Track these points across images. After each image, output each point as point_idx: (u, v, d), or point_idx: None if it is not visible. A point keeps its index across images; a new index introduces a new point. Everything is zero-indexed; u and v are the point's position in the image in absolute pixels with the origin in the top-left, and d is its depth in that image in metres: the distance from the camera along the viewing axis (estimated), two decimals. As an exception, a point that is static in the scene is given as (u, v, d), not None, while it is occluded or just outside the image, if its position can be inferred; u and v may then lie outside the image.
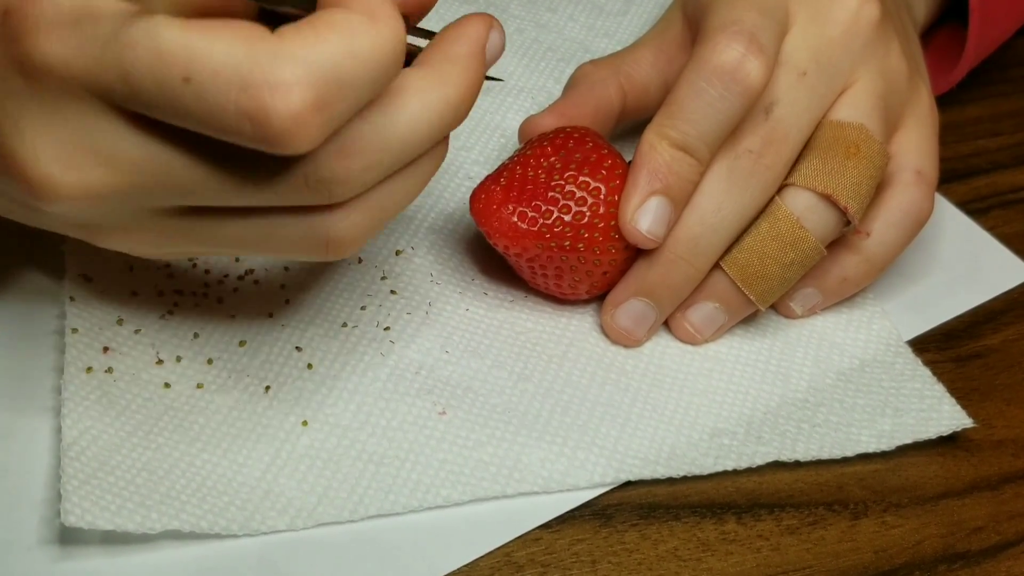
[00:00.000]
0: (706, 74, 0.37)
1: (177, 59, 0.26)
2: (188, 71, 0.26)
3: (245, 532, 0.34)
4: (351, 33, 0.28)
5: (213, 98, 0.26)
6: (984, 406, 0.40)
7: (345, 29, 0.28)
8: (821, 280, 0.41)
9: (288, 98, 0.26)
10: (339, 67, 0.27)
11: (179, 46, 0.26)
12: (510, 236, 0.38)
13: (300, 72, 0.27)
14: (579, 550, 0.35)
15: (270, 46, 0.27)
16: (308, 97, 0.27)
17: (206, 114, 0.27)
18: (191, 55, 0.26)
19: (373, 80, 0.28)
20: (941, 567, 0.36)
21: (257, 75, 0.26)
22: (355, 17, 0.28)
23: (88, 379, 0.37)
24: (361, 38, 0.28)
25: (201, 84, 0.26)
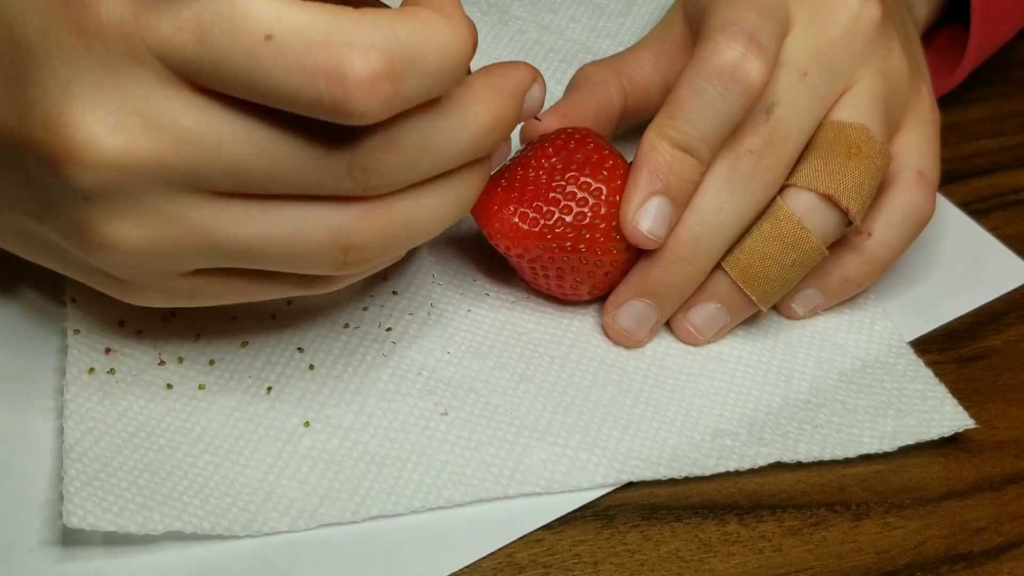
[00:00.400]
0: (706, 74, 0.37)
1: (262, 16, 0.27)
2: (271, 28, 0.27)
3: (247, 533, 0.34)
4: (429, 23, 0.29)
5: (293, 55, 0.27)
6: (986, 407, 0.40)
7: (425, 19, 0.29)
8: (823, 281, 0.41)
9: (367, 58, 0.27)
10: (415, 47, 0.28)
11: (264, 4, 0.27)
12: (511, 237, 0.38)
13: (380, 38, 0.27)
14: (581, 551, 0.35)
15: (353, 16, 0.28)
16: (383, 63, 0.27)
17: (283, 73, 0.27)
18: (277, 13, 0.27)
19: (441, 72, 0.29)
20: (943, 568, 0.36)
21: (340, 35, 0.27)
22: (433, 13, 0.29)
23: (90, 380, 0.37)
24: (437, 30, 0.29)
25: (284, 40, 0.27)
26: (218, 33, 0.27)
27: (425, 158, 0.31)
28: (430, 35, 0.29)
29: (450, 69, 0.30)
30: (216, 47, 0.27)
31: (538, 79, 0.35)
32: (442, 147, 0.31)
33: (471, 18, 0.54)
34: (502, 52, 0.53)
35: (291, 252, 0.31)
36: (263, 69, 0.27)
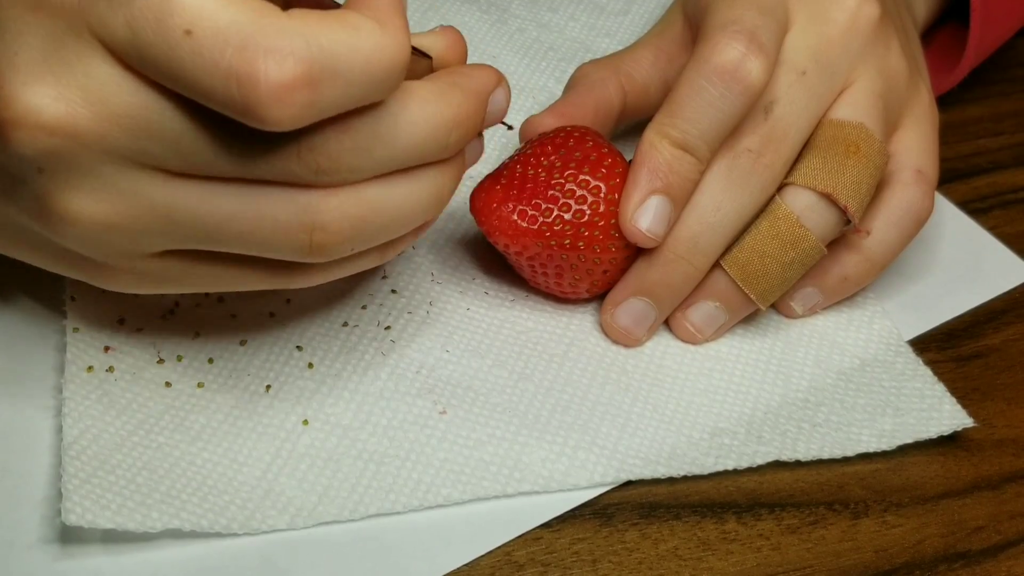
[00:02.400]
0: (707, 73, 0.37)
1: (184, 10, 0.27)
2: (192, 23, 0.27)
3: (246, 531, 0.34)
4: (357, 30, 0.28)
5: (208, 54, 0.27)
6: (985, 406, 0.40)
7: (353, 25, 0.28)
8: (821, 279, 0.41)
9: (281, 65, 0.27)
10: (337, 55, 0.28)
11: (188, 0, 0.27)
12: (510, 234, 0.38)
13: (298, 45, 0.27)
14: (579, 549, 0.35)
15: (277, 19, 0.27)
16: (299, 71, 0.27)
17: (199, 70, 0.27)
18: (199, 10, 0.27)
19: (368, 80, 0.29)
20: (942, 567, 0.36)
21: (258, 39, 0.27)
22: (365, 19, 0.29)
23: (89, 378, 0.37)
24: (366, 37, 0.28)
25: (201, 38, 0.27)
26: (144, 21, 0.27)
27: (379, 147, 0.31)
28: (358, 42, 0.28)
29: (379, 78, 0.29)
30: (142, 35, 0.27)
31: (503, 83, 0.34)
32: (399, 138, 0.31)
33: (471, 16, 0.54)
34: (501, 51, 0.53)
35: (255, 232, 0.31)
36: (181, 63, 0.27)
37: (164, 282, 0.33)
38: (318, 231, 0.31)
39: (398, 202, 0.32)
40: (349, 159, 0.30)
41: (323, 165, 0.30)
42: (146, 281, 0.33)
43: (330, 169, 0.30)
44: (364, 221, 0.32)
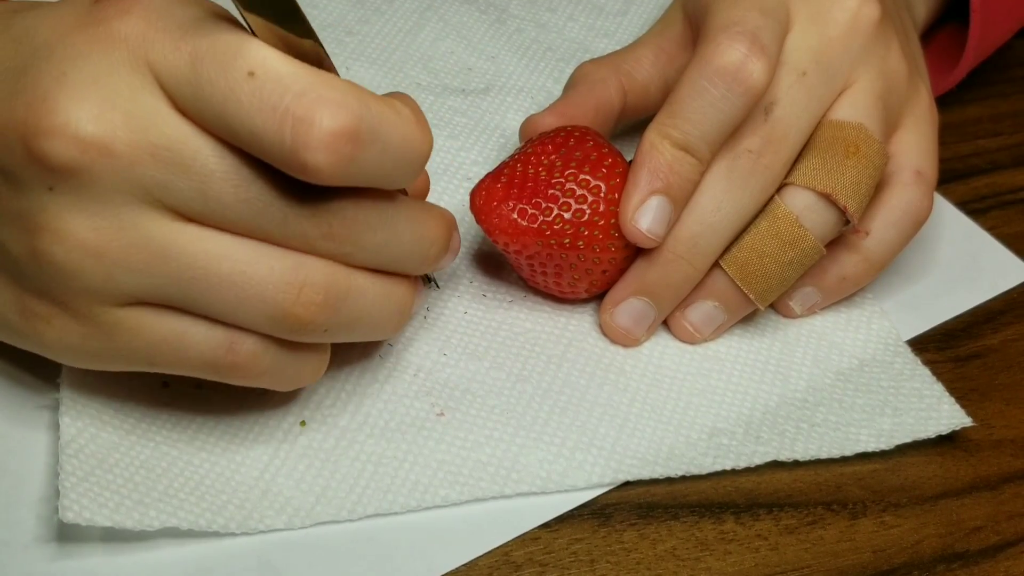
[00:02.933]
0: (708, 74, 0.37)
1: (251, 56, 0.29)
2: (256, 67, 0.28)
3: (243, 531, 0.34)
4: (400, 113, 0.31)
5: (269, 95, 0.28)
6: (983, 406, 0.40)
7: (397, 108, 0.31)
8: (820, 279, 0.41)
9: (335, 115, 0.28)
10: (383, 122, 0.30)
11: (254, 47, 0.29)
12: (510, 233, 0.38)
13: (352, 102, 0.29)
14: (577, 549, 0.35)
15: (334, 78, 0.29)
16: (351, 124, 0.29)
17: (255, 110, 0.28)
18: (264, 57, 0.29)
19: (401, 158, 0.31)
20: (940, 567, 0.36)
21: (318, 89, 0.29)
22: (404, 107, 0.31)
23: (86, 377, 0.37)
24: (405, 120, 0.31)
25: (264, 80, 0.28)
26: (209, 61, 0.29)
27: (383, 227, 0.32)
28: (399, 121, 0.31)
29: (410, 160, 0.31)
30: (204, 74, 0.29)
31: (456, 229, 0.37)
32: (399, 229, 0.33)
33: (469, 16, 0.54)
34: (500, 51, 0.53)
35: (246, 275, 0.31)
36: (239, 103, 0.28)
37: (111, 340, 0.31)
38: (307, 290, 0.31)
39: (374, 298, 0.33)
40: (359, 230, 0.32)
41: (335, 229, 0.31)
42: (93, 339, 0.32)
43: (341, 236, 0.31)
44: (349, 296, 0.32)
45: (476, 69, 0.52)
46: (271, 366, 0.33)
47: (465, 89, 0.51)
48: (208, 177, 0.30)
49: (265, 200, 0.30)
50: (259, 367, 0.33)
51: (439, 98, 0.50)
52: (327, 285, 0.32)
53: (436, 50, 0.52)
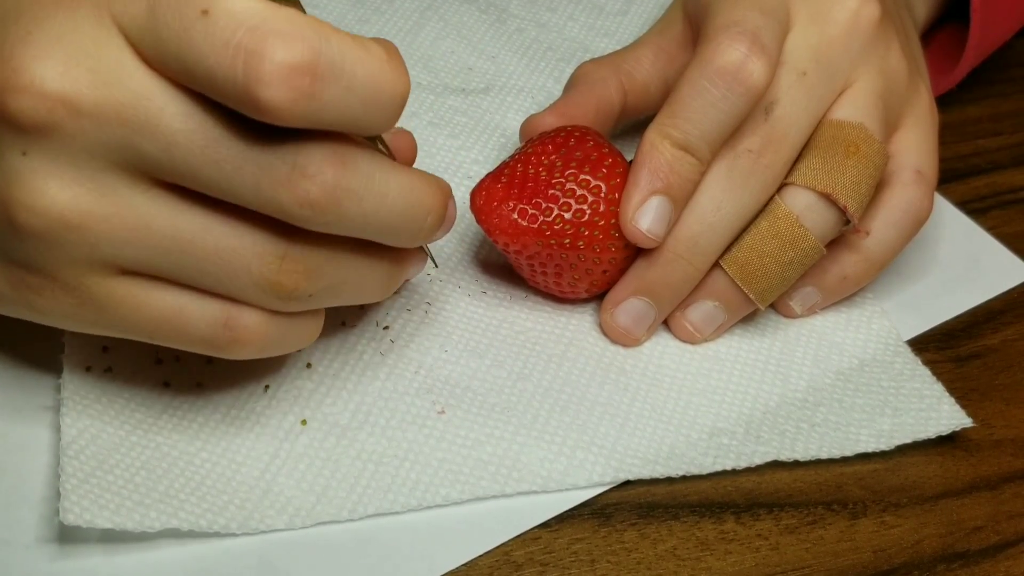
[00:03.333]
0: (709, 74, 0.37)
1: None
2: (210, 5, 0.27)
3: (244, 531, 0.34)
4: (367, 49, 0.29)
5: (220, 32, 0.27)
6: (983, 406, 0.40)
7: (363, 44, 0.29)
8: (820, 279, 0.41)
9: (289, 48, 0.27)
10: (345, 57, 0.28)
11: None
12: (510, 233, 0.38)
13: (309, 35, 0.28)
14: (578, 549, 0.35)
15: (293, 12, 0.28)
16: (306, 57, 0.28)
17: (208, 47, 0.27)
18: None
19: (368, 97, 0.29)
20: (940, 567, 0.36)
21: (271, 23, 0.27)
22: (375, 44, 0.29)
23: (87, 378, 0.37)
24: (374, 58, 0.29)
25: (216, 17, 0.27)
26: (166, 5, 0.28)
27: (369, 198, 0.31)
28: (366, 57, 0.29)
29: (381, 100, 0.29)
30: (161, 17, 0.28)
31: (452, 199, 0.35)
32: (388, 196, 0.31)
33: (470, 16, 0.54)
34: (500, 50, 0.53)
35: (228, 250, 0.30)
36: (192, 42, 0.28)
37: (104, 312, 0.31)
38: (289, 260, 0.31)
39: (357, 267, 0.33)
40: (340, 198, 0.30)
41: (313, 195, 0.29)
42: (85, 309, 0.31)
43: (318, 203, 0.30)
44: (329, 266, 0.32)
45: (476, 69, 0.52)
46: (268, 336, 0.32)
47: (465, 89, 0.51)
48: (174, 137, 0.29)
49: (235, 162, 0.29)
50: (257, 340, 0.32)
51: (439, 98, 0.50)
52: (307, 256, 0.31)
53: (436, 50, 0.52)
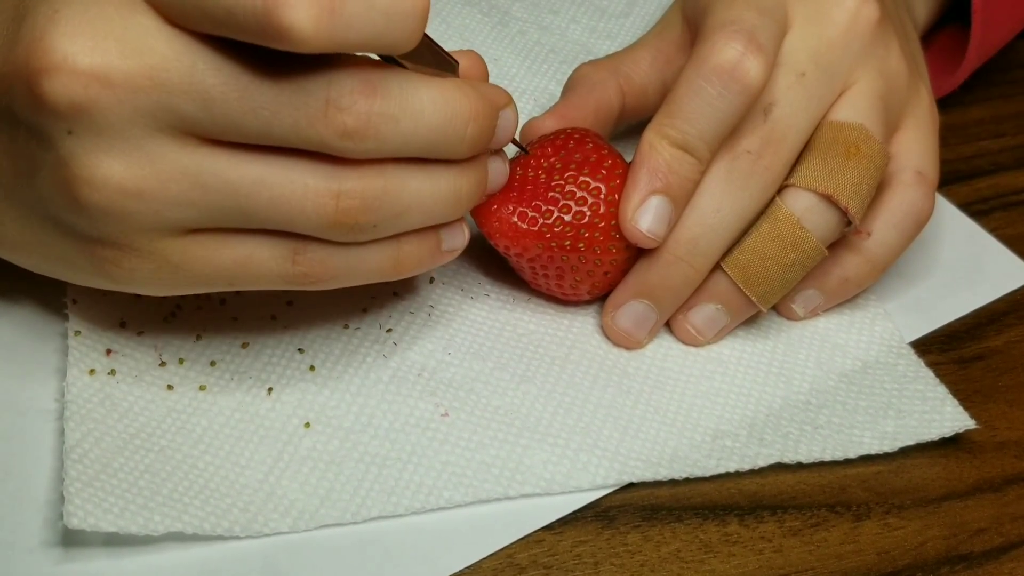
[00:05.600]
0: (705, 73, 0.37)
1: None
2: None
3: (248, 534, 0.34)
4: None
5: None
6: (987, 408, 0.40)
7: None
8: (822, 281, 0.41)
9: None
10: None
11: None
12: (510, 236, 0.38)
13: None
14: (581, 552, 0.35)
15: None
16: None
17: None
18: None
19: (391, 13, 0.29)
20: (944, 569, 0.36)
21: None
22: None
23: (91, 381, 0.37)
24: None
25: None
26: None
27: (405, 118, 0.31)
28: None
29: (403, 12, 0.30)
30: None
31: (512, 104, 0.36)
32: (423, 115, 0.32)
33: (472, 18, 0.54)
34: (503, 53, 0.53)
35: (283, 197, 0.31)
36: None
37: (180, 270, 0.33)
38: (344, 197, 0.32)
39: (417, 188, 0.33)
40: (376, 124, 0.31)
41: (350, 126, 0.30)
42: (163, 271, 0.32)
43: (356, 132, 0.31)
44: (387, 194, 0.32)
45: (478, 72, 0.52)
46: (340, 267, 0.33)
47: (467, 92, 0.51)
48: (208, 92, 0.29)
49: (272, 107, 0.30)
50: (329, 271, 0.33)
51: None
52: (362, 188, 0.32)
53: (438, 53, 0.52)
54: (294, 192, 0.31)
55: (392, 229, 0.34)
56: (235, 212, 0.31)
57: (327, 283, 0.34)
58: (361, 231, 0.33)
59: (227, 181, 0.31)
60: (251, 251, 0.33)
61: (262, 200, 0.31)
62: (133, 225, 0.31)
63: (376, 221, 0.33)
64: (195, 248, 0.32)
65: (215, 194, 0.31)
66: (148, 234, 0.31)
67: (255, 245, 0.33)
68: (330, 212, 0.32)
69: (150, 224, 0.31)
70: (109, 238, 0.32)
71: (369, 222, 0.32)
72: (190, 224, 0.32)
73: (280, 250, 0.33)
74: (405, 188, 0.33)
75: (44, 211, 0.32)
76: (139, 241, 0.32)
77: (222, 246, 0.32)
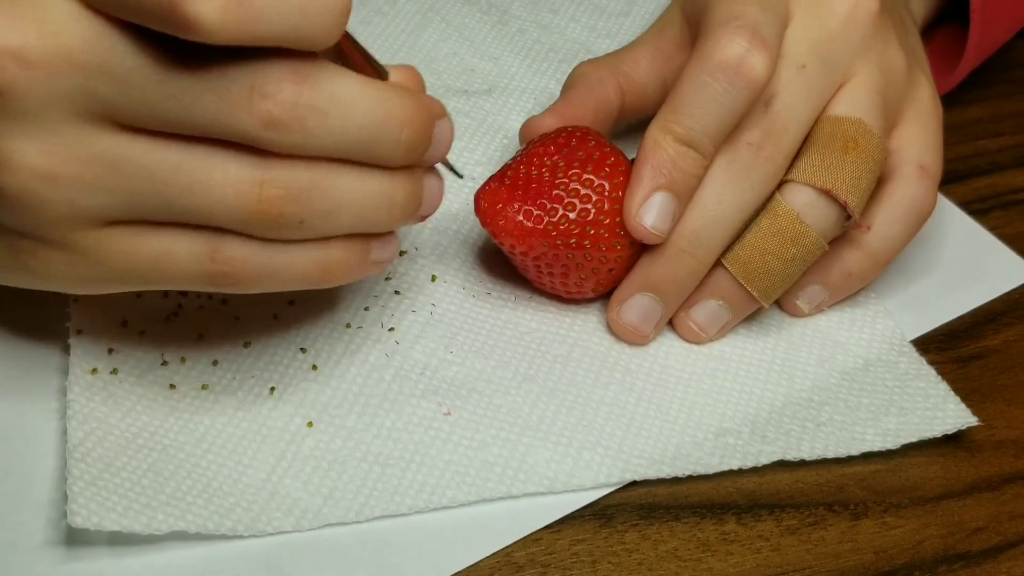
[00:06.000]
0: (710, 69, 0.37)
1: None
2: None
3: (251, 533, 0.34)
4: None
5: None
6: (985, 407, 0.40)
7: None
8: (826, 276, 0.41)
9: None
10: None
11: None
12: (516, 235, 0.38)
13: None
14: (579, 550, 0.35)
15: None
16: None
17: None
18: None
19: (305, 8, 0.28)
20: (941, 568, 0.36)
21: None
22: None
23: (93, 380, 0.37)
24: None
25: None
26: None
27: (335, 114, 0.30)
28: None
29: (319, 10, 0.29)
30: None
31: (448, 116, 0.34)
32: (356, 109, 0.31)
33: (472, 17, 0.54)
34: (502, 52, 0.53)
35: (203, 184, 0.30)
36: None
37: (97, 265, 0.31)
38: (268, 186, 0.30)
39: (348, 186, 0.32)
40: (303, 116, 0.30)
41: (275, 114, 0.29)
42: (79, 265, 0.31)
43: (281, 122, 0.29)
44: (315, 187, 0.31)
45: (478, 70, 0.52)
46: (263, 267, 0.32)
47: (467, 90, 0.51)
48: (127, 76, 0.29)
49: (192, 92, 0.29)
50: (249, 271, 0.32)
51: (441, 99, 0.49)
52: (287, 179, 0.30)
53: (438, 51, 0.52)
54: (213, 178, 0.30)
55: (320, 229, 0.32)
56: (152, 199, 0.30)
57: (248, 285, 0.32)
58: (286, 225, 0.31)
59: (144, 166, 0.30)
60: (168, 246, 0.31)
61: (180, 186, 0.30)
62: (48, 213, 0.30)
63: (303, 216, 0.31)
64: (111, 241, 0.31)
65: (132, 180, 0.30)
66: (64, 223, 0.30)
67: (173, 240, 0.31)
68: (252, 201, 0.30)
69: (65, 212, 0.30)
70: (24, 228, 0.31)
71: (295, 215, 0.31)
72: (106, 213, 0.30)
73: (199, 246, 0.31)
74: (335, 185, 0.31)
75: None
76: (54, 232, 0.31)
77: (139, 240, 0.31)
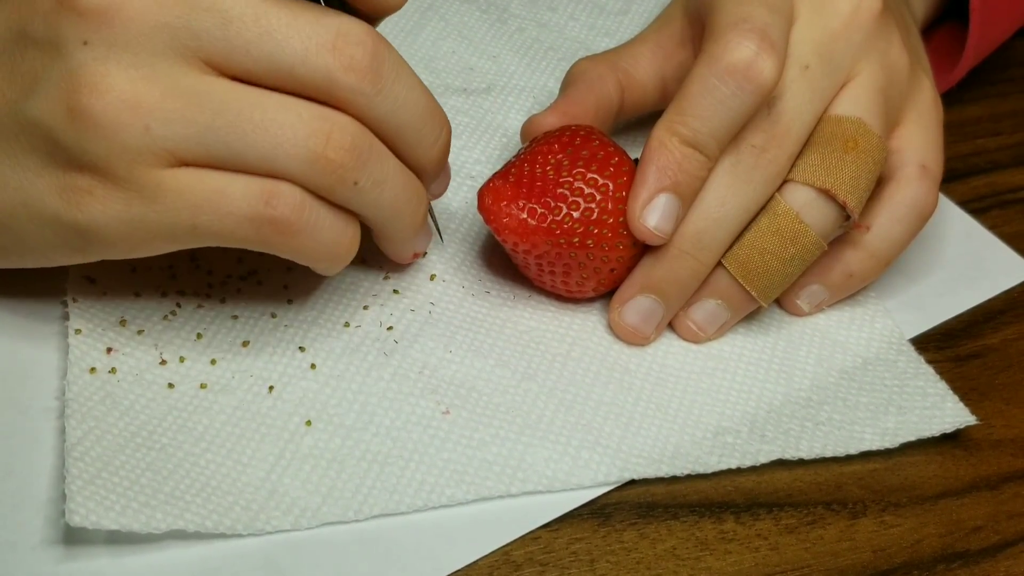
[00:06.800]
0: (718, 72, 0.37)
1: None
2: None
3: (249, 532, 0.34)
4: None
5: None
6: (983, 406, 0.40)
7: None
8: (826, 276, 0.41)
9: None
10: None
11: None
12: (519, 233, 0.38)
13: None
14: (577, 549, 0.35)
15: None
16: None
17: None
18: None
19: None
20: (940, 567, 0.36)
21: None
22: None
23: (91, 380, 0.37)
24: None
25: None
26: None
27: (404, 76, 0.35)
28: None
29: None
30: None
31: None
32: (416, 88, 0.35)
33: (471, 16, 0.54)
34: (501, 50, 0.53)
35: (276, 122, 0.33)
36: None
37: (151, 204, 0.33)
38: (336, 134, 0.33)
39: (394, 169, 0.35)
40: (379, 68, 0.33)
41: (357, 58, 0.33)
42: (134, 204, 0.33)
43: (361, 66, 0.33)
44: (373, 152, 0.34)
45: (478, 69, 0.52)
46: (307, 222, 0.34)
47: (467, 89, 0.51)
48: (228, 12, 0.32)
49: (285, 31, 0.32)
50: (298, 221, 0.34)
51: (441, 98, 0.49)
52: (353, 135, 0.34)
53: (438, 50, 0.52)
54: (287, 119, 0.33)
55: (367, 197, 0.35)
56: (226, 134, 0.32)
57: (289, 237, 0.34)
58: (342, 180, 0.34)
59: (223, 101, 0.32)
60: (225, 185, 0.33)
61: (254, 123, 0.32)
62: (119, 142, 0.32)
63: (357, 177, 0.34)
64: (173, 180, 0.32)
65: (210, 113, 0.32)
66: (135, 155, 0.32)
67: (230, 180, 0.33)
68: (319, 144, 0.33)
69: (139, 143, 0.32)
70: (94, 157, 0.32)
71: (352, 174, 0.34)
72: (178, 148, 0.32)
73: (255, 188, 0.33)
74: (387, 161, 0.35)
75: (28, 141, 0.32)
76: (119, 165, 0.32)
77: (198, 178, 0.33)
